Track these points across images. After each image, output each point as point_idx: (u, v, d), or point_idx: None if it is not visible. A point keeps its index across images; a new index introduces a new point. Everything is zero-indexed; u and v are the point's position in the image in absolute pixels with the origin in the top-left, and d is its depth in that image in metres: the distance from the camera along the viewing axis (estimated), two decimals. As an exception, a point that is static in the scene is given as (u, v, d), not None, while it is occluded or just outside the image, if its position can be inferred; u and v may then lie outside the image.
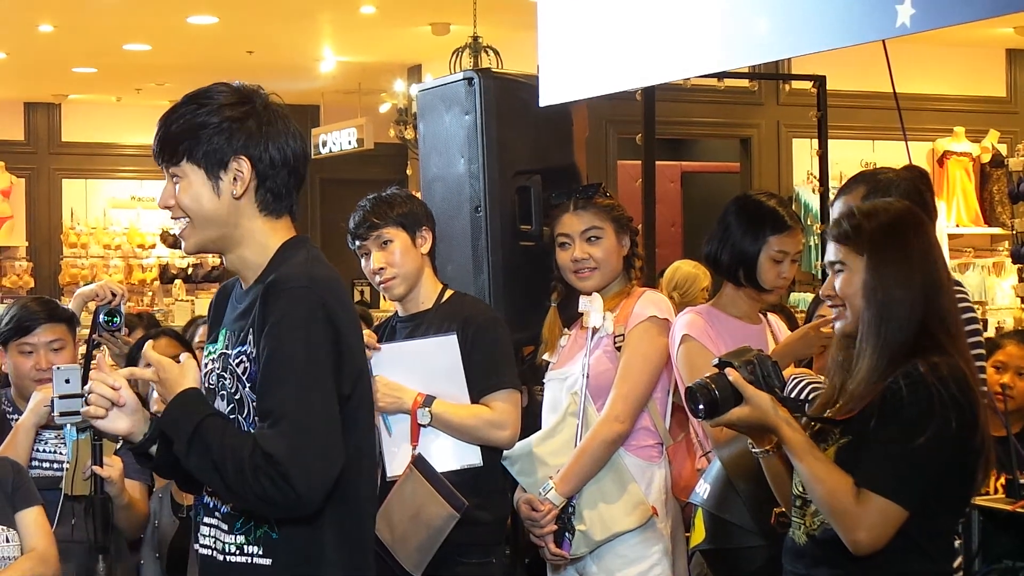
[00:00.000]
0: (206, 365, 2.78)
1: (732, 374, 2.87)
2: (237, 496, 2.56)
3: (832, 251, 2.91)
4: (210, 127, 2.64)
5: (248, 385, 2.62)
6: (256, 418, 2.58)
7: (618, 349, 3.90)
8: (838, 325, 2.93)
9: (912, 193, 3.52)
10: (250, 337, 2.62)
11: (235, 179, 2.65)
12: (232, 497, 2.60)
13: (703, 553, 3.33)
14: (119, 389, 2.67)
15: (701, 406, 2.88)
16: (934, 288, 2.84)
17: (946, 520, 2.88)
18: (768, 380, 2.89)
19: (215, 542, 2.70)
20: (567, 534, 3.86)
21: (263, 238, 2.71)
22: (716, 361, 2.94)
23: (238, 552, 2.65)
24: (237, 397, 2.65)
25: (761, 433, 2.96)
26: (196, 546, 2.78)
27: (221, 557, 2.68)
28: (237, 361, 2.65)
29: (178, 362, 2.70)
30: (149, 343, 2.83)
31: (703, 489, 3.29)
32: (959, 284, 3.45)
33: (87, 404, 2.68)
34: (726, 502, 3.22)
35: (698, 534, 3.30)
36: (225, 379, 2.69)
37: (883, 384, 2.76)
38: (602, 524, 3.83)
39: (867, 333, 2.84)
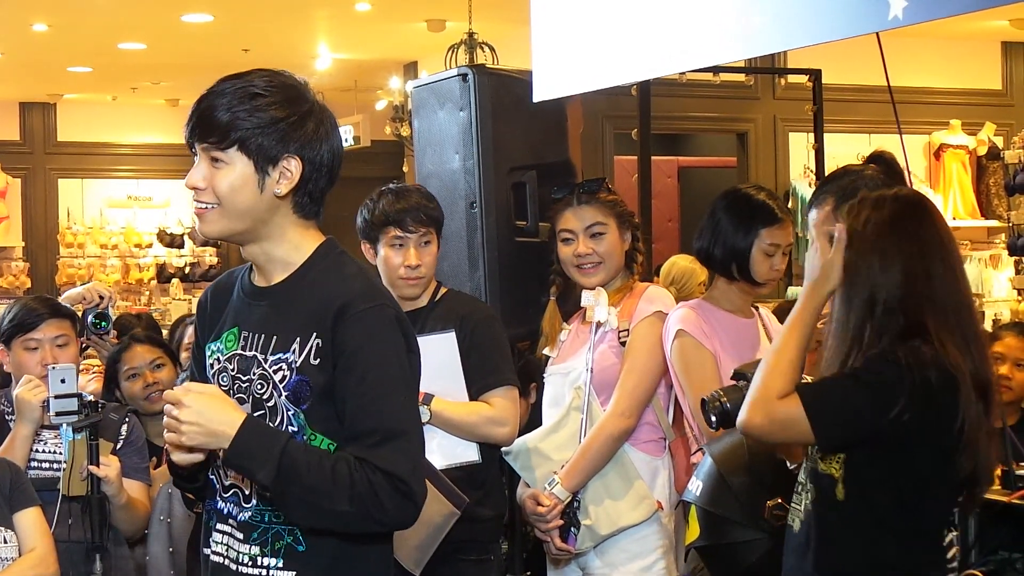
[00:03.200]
0: (211, 365, 2.69)
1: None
2: (346, 519, 2.48)
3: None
4: (268, 121, 2.54)
5: (286, 394, 2.55)
6: (339, 435, 2.53)
7: (622, 344, 3.89)
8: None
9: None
10: (296, 347, 2.55)
11: (281, 177, 2.57)
12: (337, 521, 2.49)
13: (698, 550, 3.31)
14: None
15: (713, 418, 2.93)
16: (922, 275, 2.79)
17: (931, 508, 2.82)
18: None
19: (228, 550, 2.62)
20: (572, 529, 3.85)
21: (295, 238, 2.63)
22: (733, 373, 2.98)
23: (251, 563, 2.58)
24: (271, 404, 2.57)
25: (789, 448, 2.97)
26: (207, 551, 2.69)
27: (234, 567, 2.61)
28: (275, 368, 2.57)
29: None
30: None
31: (695, 486, 3.28)
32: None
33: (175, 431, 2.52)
34: (719, 498, 3.20)
35: (692, 531, 3.28)
36: (247, 383, 2.61)
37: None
38: (608, 519, 3.83)
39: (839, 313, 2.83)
